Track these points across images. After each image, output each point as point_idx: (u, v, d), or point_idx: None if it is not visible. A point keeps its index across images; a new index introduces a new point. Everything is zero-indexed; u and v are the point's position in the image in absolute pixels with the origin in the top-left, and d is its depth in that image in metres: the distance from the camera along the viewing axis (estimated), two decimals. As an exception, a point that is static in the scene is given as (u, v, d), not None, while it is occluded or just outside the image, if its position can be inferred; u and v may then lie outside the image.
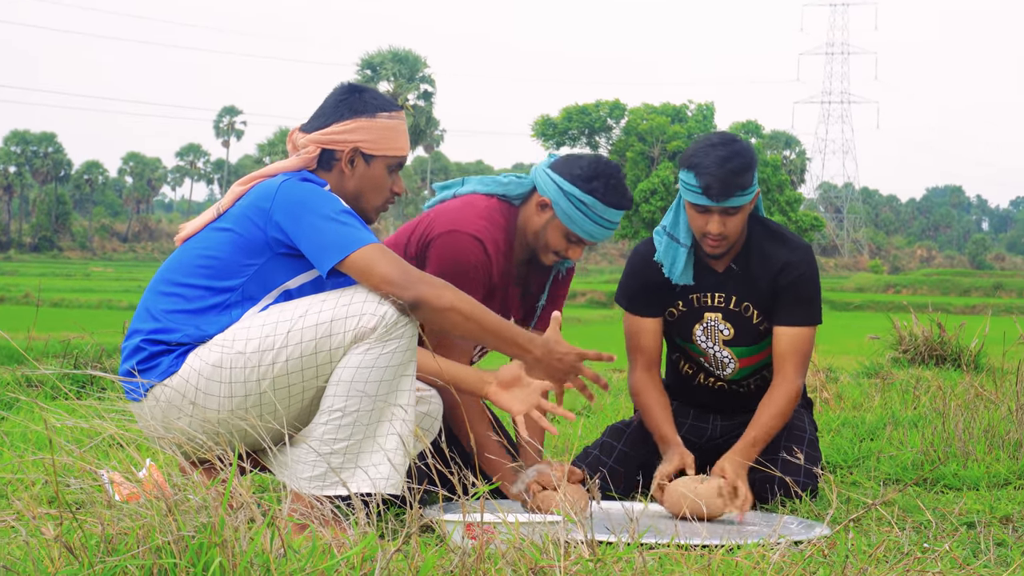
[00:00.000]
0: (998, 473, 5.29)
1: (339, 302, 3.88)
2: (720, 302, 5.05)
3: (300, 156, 4.17)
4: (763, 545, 3.33)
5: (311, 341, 3.86)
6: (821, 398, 7.91)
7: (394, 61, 76.09)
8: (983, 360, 10.62)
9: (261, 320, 3.92)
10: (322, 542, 2.98)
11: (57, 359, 8.66)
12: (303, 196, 3.99)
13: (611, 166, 4.70)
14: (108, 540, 2.86)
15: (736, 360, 5.12)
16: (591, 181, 4.63)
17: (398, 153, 4.23)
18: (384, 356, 3.86)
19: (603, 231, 4.68)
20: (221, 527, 2.81)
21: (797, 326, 4.98)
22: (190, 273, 4.04)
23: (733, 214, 4.83)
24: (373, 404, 3.86)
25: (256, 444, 4.01)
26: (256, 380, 3.89)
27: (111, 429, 3.27)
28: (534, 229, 4.70)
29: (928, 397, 7.51)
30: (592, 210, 4.62)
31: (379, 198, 4.24)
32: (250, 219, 4.02)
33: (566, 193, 4.63)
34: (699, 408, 5.34)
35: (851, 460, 5.83)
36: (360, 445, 3.88)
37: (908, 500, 4.85)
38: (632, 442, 5.12)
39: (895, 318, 11.62)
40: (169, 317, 4.00)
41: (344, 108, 4.20)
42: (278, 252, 4.00)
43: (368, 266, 3.89)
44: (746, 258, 5.03)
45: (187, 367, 3.92)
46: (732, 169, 4.77)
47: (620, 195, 4.66)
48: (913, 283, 67.62)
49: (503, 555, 3.04)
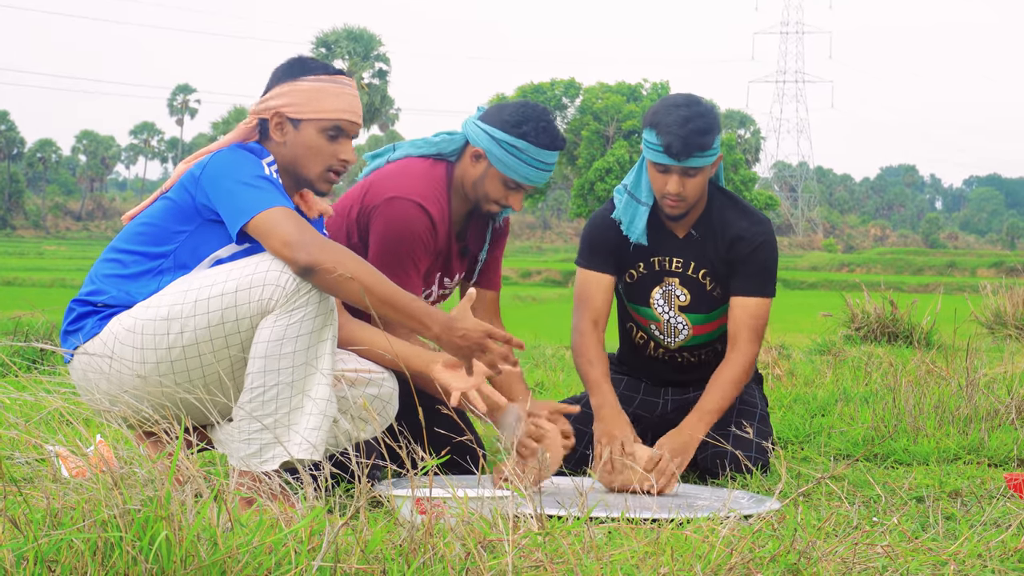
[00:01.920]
0: (948, 448, 5.32)
1: (244, 271, 3.86)
2: (679, 267, 5.07)
3: (238, 128, 4.17)
4: (712, 519, 3.33)
5: (217, 311, 3.85)
6: (773, 374, 7.93)
7: (349, 39, 75.84)
8: (934, 337, 10.71)
9: (174, 288, 3.92)
10: (269, 516, 2.97)
11: (8, 337, 8.61)
12: (227, 163, 3.99)
13: (538, 108, 4.72)
14: (53, 514, 2.84)
15: (690, 327, 5.13)
16: (521, 125, 4.65)
17: (328, 116, 4.13)
18: (292, 326, 3.83)
19: (539, 173, 4.69)
20: (167, 501, 2.79)
21: (752, 296, 5.00)
22: (129, 239, 4.07)
23: (693, 175, 4.84)
24: (292, 375, 3.85)
25: (202, 418, 4.01)
26: (166, 348, 3.88)
27: (57, 403, 3.25)
28: (472, 181, 4.72)
29: (879, 374, 7.54)
30: (525, 153, 4.64)
31: (318, 164, 4.15)
32: (183, 186, 4.04)
33: (498, 140, 4.65)
34: (650, 382, 5.35)
35: (802, 436, 5.85)
36: (288, 417, 3.87)
37: (858, 475, 4.86)
38: (582, 418, 5.12)
39: (848, 296, 11.67)
40: (104, 280, 4.04)
41: (277, 77, 4.19)
42: (207, 219, 4.00)
43: (268, 229, 3.86)
44: (706, 225, 5.05)
45: (107, 330, 3.94)
46: (694, 129, 4.78)
47: (551, 136, 4.68)
48: (867, 262, 67.87)
49: (452, 529, 3.04)
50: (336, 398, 4.04)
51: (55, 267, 50.87)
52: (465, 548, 2.98)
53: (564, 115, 70.82)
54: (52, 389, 3.48)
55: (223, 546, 2.82)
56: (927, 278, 55.25)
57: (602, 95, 68.63)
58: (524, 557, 2.98)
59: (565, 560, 2.98)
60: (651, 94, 68.72)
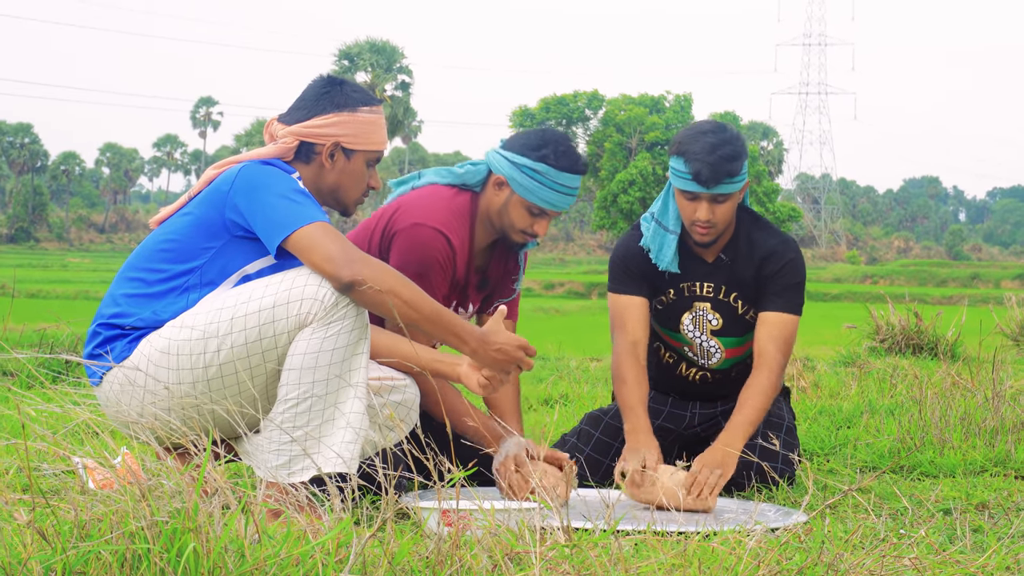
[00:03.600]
0: (974, 460, 5.30)
1: (281, 287, 3.86)
2: (709, 292, 5.05)
3: (277, 145, 4.16)
4: (739, 531, 3.33)
5: (254, 328, 3.85)
6: (798, 386, 7.92)
7: (372, 51, 75.95)
8: (959, 349, 10.67)
9: (207, 306, 3.92)
10: (297, 528, 2.97)
11: (32, 349, 8.63)
12: (259, 177, 3.98)
13: (558, 133, 4.73)
14: (81, 526, 2.85)
15: (723, 350, 5.11)
16: (540, 149, 4.65)
17: (378, 147, 4.23)
18: (329, 339, 3.84)
19: (562, 198, 4.68)
20: (195, 513, 2.80)
21: (781, 312, 4.98)
22: (151, 257, 4.05)
23: (722, 202, 4.83)
24: (326, 388, 3.85)
25: (230, 431, 4.01)
26: (203, 367, 3.88)
27: (84, 415, 3.26)
28: (496, 209, 4.71)
29: (905, 385, 7.52)
30: (547, 177, 4.64)
31: (357, 191, 4.24)
32: (210, 201, 4.03)
33: (518, 166, 4.65)
34: (678, 396, 5.33)
35: (828, 448, 5.84)
36: (320, 430, 3.87)
37: (884, 487, 4.85)
38: (610, 430, 5.11)
39: (872, 308, 11.64)
40: (128, 301, 4.02)
41: (326, 101, 4.18)
42: (235, 235, 3.99)
43: (310, 245, 3.86)
44: (735, 248, 5.04)
45: (138, 353, 3.93)
46: (722, 156, 4.77)
47: (571, 159, 4.68)
48: (890, 273, 67.72)
49: (479, 541, 3.04)
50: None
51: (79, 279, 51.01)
52: (492, 560, 2.98)
53: (587, 127, 70.80)
54: (79, 401, 3.49)
55: (250, 558, 2.83)
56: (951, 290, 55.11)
57: (625, 107, 68.54)
58: (551, 569, 2.98)
59: (592, 572, 2.98)
60: (674, 106, 68.62)
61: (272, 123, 4.23)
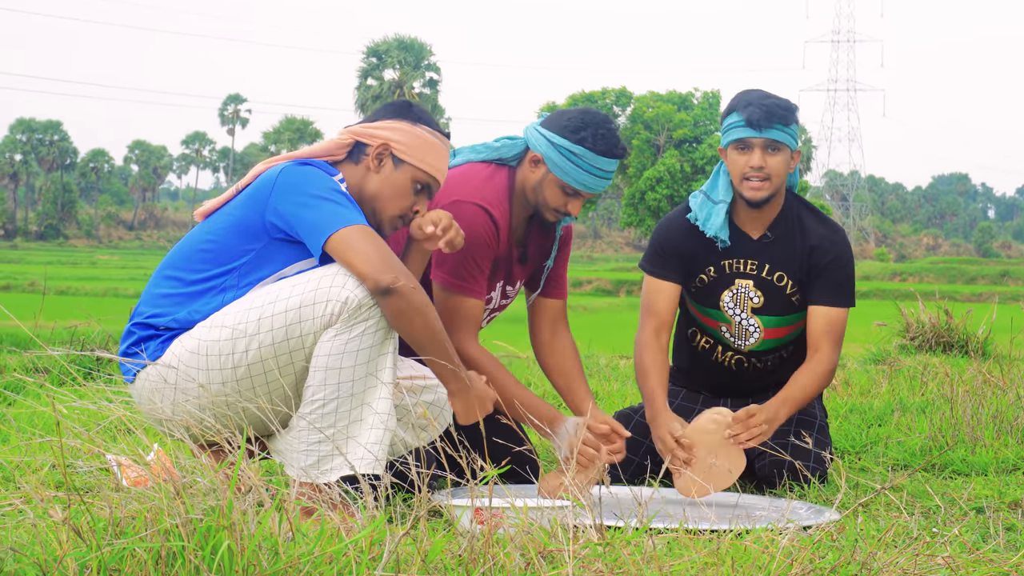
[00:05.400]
0: (1007, 459, 5.29)
1: (307, 287, 3.88)
2: (753, 269, 5.06)
3: (332, 140, 4.19)
4: (772, 530, 3.32)
5: (281, 328, 3.87)
6: (829, 384, 7.89)
7: (400, 48, 76.10)
8: (990, 347, 10.62)
9: (237, 306, 3.94)
10: (330, 526, 2.98)
11: (64, 345, 8.65)
12: (298, 179, 4.00)
13: (599, 116, 4.68)
14: (116, 523, 2.86)
15: (762, 329, 5.11)
16: (579, 131, 4.60)
17: (428, 169, 4.21)
18: (353, 340, 3.85)
19: (598, 180, 4.64)
20: (229, 510, 2.81)
21: (834, 306, 5.02)
22: (191, 257, 4.07)
23: (774, 152, 4.88)
24: (352, 389, 3.87)
25: (263, 428, 4.01)
26: (232, 367, 3.90)
27: (119, 412, 3.27)
28: (531, 186, 4.67)
29: (936, 383, 7.49)
30: (584, 160, 4.59)
31: (396, 207, 4.20)
32: (251, 203, 4.04)
33: (556, 146, 4.60)
34: (710, 392, 5.32)
35: (859, 446, 5.83)
36: (347, 430, 3.89)
37: (917, 485, 4.84)
38: (640, 428, 5.11)
39: (902, 305, 11.60)
40: (163, 301, 4.04)
41: (391, 111, 4.24)
42: (275, 238, 4.00)
43: (348, 247, 3.87)
44: (783, 227, 5.06)
45: (170, 353, 3.96)
46: (775, 103, 4.88)
47: (610, 143, 4.64)
48: (919, 271, 67.62)
49: (512, 539, 3.04)
50: (394, 408, 4.05)
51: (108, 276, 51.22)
52: (525, 558, 2.98)
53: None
54: (112, 398, 3.50)
55: (284, 556, 2.83)
56: (980, 287, 54.99)
57: (653, 104, 68.35)
58: (584, 567, 2.98)
59: (625, 570, 2.98)
60: (702, 103, 68.41)
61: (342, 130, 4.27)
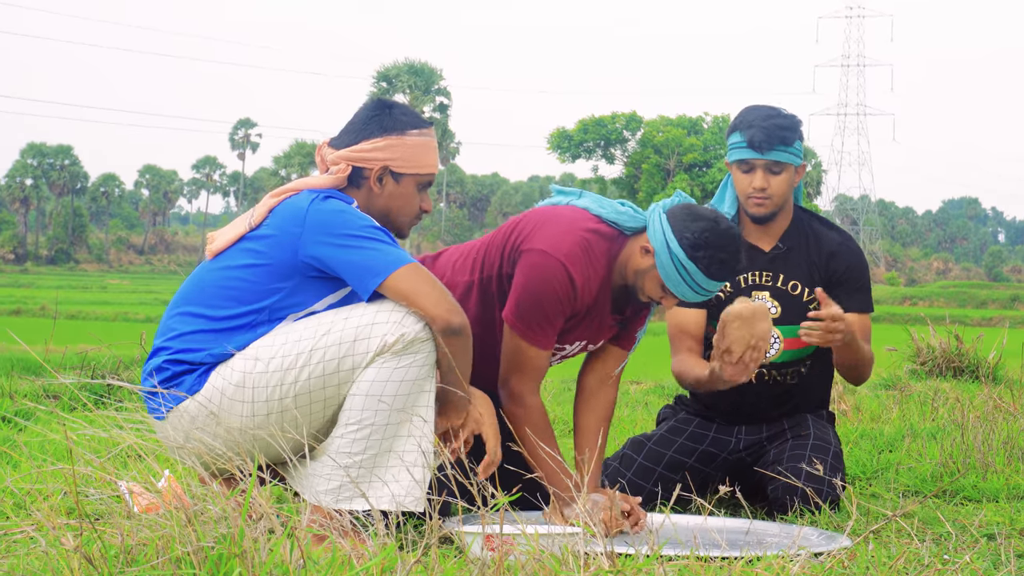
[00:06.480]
0: (1018, 485, 5.27)
1: (362, 320, 3.86)
2: (767, 280, 5.12)
3: (332, 175, 4.15)
4: (783, 557, 3.32)
5: (334, 360, 3.85)
6: (839, 410, 7.89)
7: (410, 73, 76.21)
8: (1001, 372, 10.60)
9: (284, 337, 3.91)
10: (341, 553, 2.98)
11: (74, 371, 8.65)
12: (331, 216, 3.96)
13: (725, 235, 4.42)
14: (127, 551, 2.86)
15: (782, 339, 5.11)
16: (699, 249, 4.40)
17: (427, 171, 4.23)
18: (399, 370, 3.84)
19: (698, 297, 4.50)
20: (240, 538, 2.81)
21: (857, 312, 5.12)
22: (215, 295, 4.01)
23: (777, 172, 4.96)
24: (388, 417, 3.85)
25: (276, 456, 3.99)
26: (279, 398, 3.87)
27: (130, 439, 3.27)
28: (634, 269, 4.52)
29: (946, 409, 7.48)
30: (692, 277, 4.42)
31: (408, 214, 4.24)
32: (279, 243, 3.98)
33: (671, 252, 4.42)
34: (725, 417, 5.28)
35: (870, 472, 5.82)
36: (376, 459, 3.87)
37: (928, 512, 4.83)
38: (652, 455, 5.10)
39: (912, 330, 11.58)
40: (193, 337, 3.98)
41: (374, 125, 4.18)
42: (308, 275, 3.99)
43: (412, 289, 3.88)
44: (794, 237, 5.15)
45: (209, 386, 3.91)
46: (777, 123, 4.94)
47: (725, 269, 4.44)
48: (930, 295, 67.48)
49: (522, 566, 3.04)
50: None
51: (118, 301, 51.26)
52: (536, 586, 2.98)
53: (624, 148, 70.54)
54: (122, 425, 3.50)
55: (296, 583, 2.83)
56: (991, 312, 54.91)
57: (663, 128, 68.35)
58: (595, 595, 2.97)
59: (636, 598, 2.97)
60: (712, 127, 68.43)
61: (323, 147, 4.22)
